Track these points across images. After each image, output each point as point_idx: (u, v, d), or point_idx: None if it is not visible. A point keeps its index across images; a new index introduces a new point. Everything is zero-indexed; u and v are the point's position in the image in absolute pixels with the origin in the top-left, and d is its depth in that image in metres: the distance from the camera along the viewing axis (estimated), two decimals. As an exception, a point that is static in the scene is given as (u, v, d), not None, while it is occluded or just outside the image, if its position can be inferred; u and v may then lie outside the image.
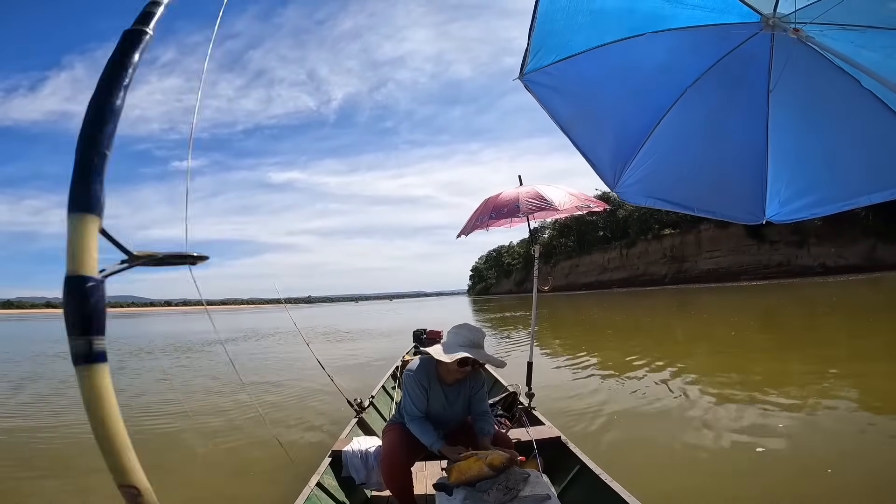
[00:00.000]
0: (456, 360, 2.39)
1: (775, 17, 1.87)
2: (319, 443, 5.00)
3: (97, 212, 0.53)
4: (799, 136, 2.23)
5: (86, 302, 0.50)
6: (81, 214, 0.52)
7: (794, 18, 1.83)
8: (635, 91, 2.17)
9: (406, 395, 2.58)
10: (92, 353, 0.51)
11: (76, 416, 6.42)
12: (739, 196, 2.40)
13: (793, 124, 2.20)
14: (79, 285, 0.50)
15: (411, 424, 2.51)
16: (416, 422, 2.50)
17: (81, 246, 0.51)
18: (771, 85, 2.09)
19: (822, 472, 3.63)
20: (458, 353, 2.38)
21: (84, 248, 0.51)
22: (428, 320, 22.86)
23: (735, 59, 2.03)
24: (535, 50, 1.85)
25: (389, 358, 8.72)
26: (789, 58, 2.01)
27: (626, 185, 2.35)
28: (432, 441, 2.43)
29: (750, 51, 2.01)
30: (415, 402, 2.52)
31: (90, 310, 0.51)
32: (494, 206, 3.80)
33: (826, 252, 54.86)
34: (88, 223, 0.52)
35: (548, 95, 2.03)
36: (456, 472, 2.22)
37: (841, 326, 12.90)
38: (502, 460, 2.21)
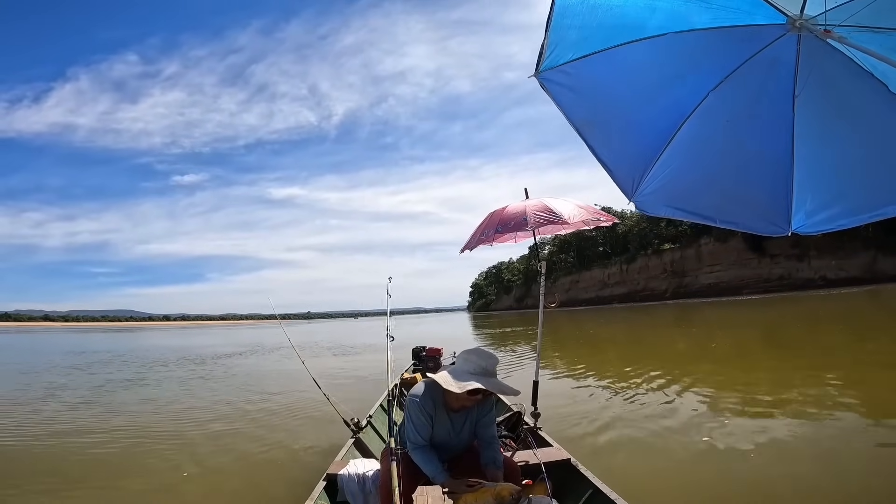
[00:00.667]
0: (467, 390, 2.26)
1: (802, 19, 1.77)
2: (312, 463, 4.76)
3: None
4: (826, 144, 2.12)
5: None
6: None
7: (823, 20, 1.73)
8: (656, 94, 2.06)
9: (409, 422, 2.45)
10: None
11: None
12: (763, 206, 2.27)
13: (819, 131, 2.09)
14: None
15: (414, 453, 2.39)
16: (419, 451, 2.38)
17: None
18: (797, 90, 1.98)
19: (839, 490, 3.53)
20: (469, 382, 2.24)
21: None
22: (428, 337, 22.78)
23: (760, 62, 1.93)
24: (551, 46, 1.75)
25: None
26: (816, 61, 1.91)
27: (645, 193, 2.22)
28: (435, 473, 2.31)
29: (775, 54, 1.91)
30: (419, 431, 2.40)
31: None
32: (500, 220, 3.68)
33: (827, 265, 54.95)
34: None
35: (564, 95, 1.92)
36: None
37: (844, 339, 12.79)
38: (511, 492, 2.13)
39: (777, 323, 20.24)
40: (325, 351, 21.25)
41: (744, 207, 2.35)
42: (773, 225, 2.27)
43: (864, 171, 2.12)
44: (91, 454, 5.60)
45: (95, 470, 5.05)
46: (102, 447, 5.87)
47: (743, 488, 3.64)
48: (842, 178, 2.17)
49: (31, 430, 6.95)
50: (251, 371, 14.44)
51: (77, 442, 6.15)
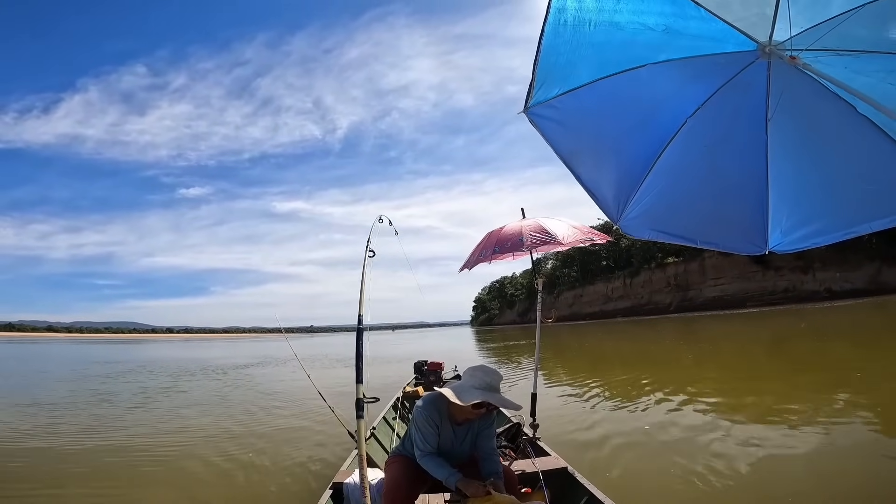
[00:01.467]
0: (471, 404, 2.35)
1: (771, 45, 1.89)
2: (319, 473, 4.95)
3: None
4: (798, 165, 2.23)
5: None
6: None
7: (790, 45, 1.85)
8: (637, 123, 2.19)
9: (418, 432, 2.54)
10: None
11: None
12: (741, 227, 2.39)
13: (792, 153, 2.20)
14: None
15: (424, 460, 2.47)
16: (428, 458, 2.47)
17: None
18: (769, 113, 2.11)
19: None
20: (474, 397, 2.34)
21: None
22: (431, 352, 22.93)
23: (733, 88, 2.05)
24: (539, 83, 1.87)
25: (391, 386, 8.65)
26: (786, 85, 2.03)
27: (629, 218, 2.34)
28: (447, 475, 2.37)
29: (747, 79, 2.03)
30: (427, 439, 2.49)
31: None
32: (498, 240, 3.82)
33: (831, 277, 54.66)
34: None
35: (551, 129, 2.04)
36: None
37: (850, 350, 12.74)
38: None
39: (782, 336, 20.13)
40: (337, 363, 22.28)
41: (723, 228, 2.46)
42: (751, 244, 2.38)
43: (836, 190, 2.23)
44: (152, 454, 6.32)
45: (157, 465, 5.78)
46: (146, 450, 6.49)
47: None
48: (815, 197, 2.27)
49: (98, 429, 7.93)
50: (270, 380, 15.55)
51: (143, 442, 6.96)
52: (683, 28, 1.87)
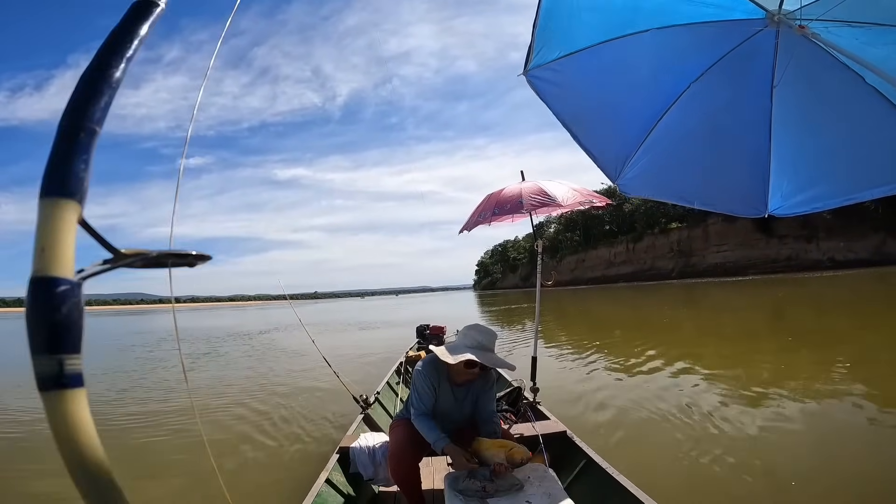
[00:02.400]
0: (462, 362, 2.36)
1: (780, 14, 1.87)
2: (327, 438, 5.09)
3: (77, 197, 0.41)
4: (802, 131, 2.23)
5: (56, 311, 0.38)
6: (56, 200, 0.40)
7: (799, 15, 1.83)
8: (638, 86, 2.17)
9: (414, 391, 2.56)
10: (63, 375, 0.39)
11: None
12: (742, 190, 2.40)
13: (796, 119, 2.20)
14: (48, 289, 0.38)
15: (416, 420, 2.49)
16: (421, 418, 2.48)
17: (54, 239, 0.39)
18: (775, 81, 2.09)
19: (830, 467, 3.66)
20: (464, 354, 2.33)
21: (57, 243, 0.39)
22: (433, 316, 23.37)
23: (739, 55, 2.03)
24: (538, 46, 1.86)
25: (394, 350, 8.86)
26: (794, 54, 2.00)
27: (628, 178, 2.35)
28: (436, 439, 2.39)
29: (754, 47, 2.01)
30: (422, 399, 2.50)
31: (62, 321, 0.39)
32: (497, 202, 3.80)
33: (835, 246, 54.47)
34: (65, 211, 0.40)
35: (551, 91, 2.03)
36: (477, 445, 2.30)
37: (850, 320, 12.85)
38: (522, 456, 2.26)
39: (783, 304, 20.25)
40: (351, 326, 23.92)
41: (722, 191, 2.47)
42: (750, 207, 2.40)
43: (839, 156, 2.23)
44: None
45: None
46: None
47: (739, 468, 3.73)
48: (817, 164, 2.28)
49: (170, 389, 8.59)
50: (291, 343, 16.21)
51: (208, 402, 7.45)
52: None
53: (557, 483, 2.14)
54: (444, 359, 2.37)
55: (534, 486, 2.10)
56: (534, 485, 2.11)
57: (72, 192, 0.40)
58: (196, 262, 0.49)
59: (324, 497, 2.60)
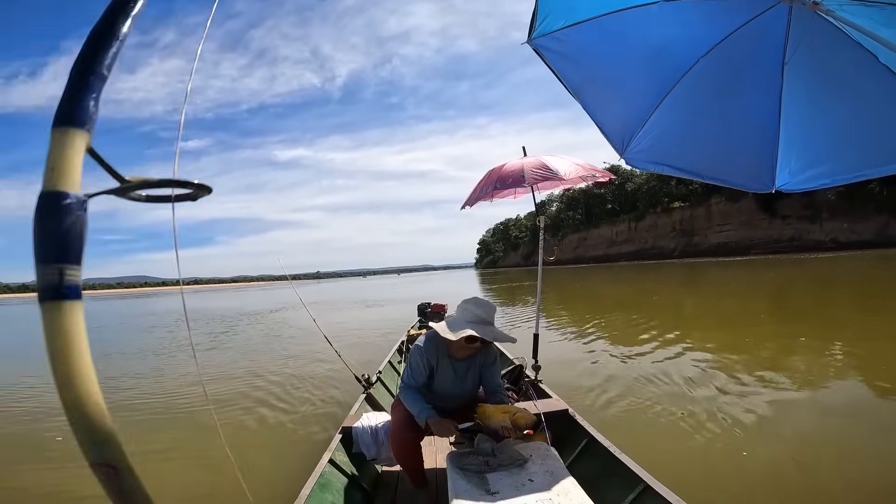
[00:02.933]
0: (463, 337, 2.34)
1: (794, -10, 1.82)
2: (330, 417, 5.18)
3: (87, 127, 0.45)
4: (813, 108, 2.19)
5: (62, 222, 0.41)
6: (67, 129, 0.44)
7: (813, -8, 1.78)
8: (647, 59, 2.12)
9: (408, 366, 2.56)
10: (63, 285, 0.41)
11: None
12: (749, 165, 2.37)
13: (807, 96, 2.16)
14: (56, 202, 0.41)
15: (403, 393, 2.49)
16: (408, 391, 2.48)
17: (64, 162, 0.43)
18: (786, 57, 2.05)
19: (827, 450, 3.68)
20: (464, 330, 2.32)
21: (67, 165, 0.43)
22: (435, 294, 23.56)
23: (750, 30, 1.98)
24: (542, 15, 1.81)
25: (396, 331, 8.94)
26: (806, 31, 1.96)
27: (634, 151, 2.33)
28: (419, 410, 2.37)
29: (766, 23, 1.96)
30: (414, 374, 2.50)
31: (66, 232, 0.41)
32: (499, 177, 3.75)
33: (838, 227, 54.16)
34: (75, 138, 0.44)
35: (557, 60, 1.99)
36: (481, 413, 2.31)
37: (852, 302, 12.88)
38: (527, 420, 2.28)
39: (787, 284, 20.27)
40: (358, 304, 24.96)
41: (730, 165, 2.44)
42: (758, 182, 2.37)
43: (849, 134, 2.20)
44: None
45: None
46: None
47: (739, 451, 3.76)
48: (827, 139, 2.24)
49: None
50: (300, 321, 16.45)
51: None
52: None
53: (559, 461, 2.14)
54: (443, 335, 2.35)
55: (536, 465, 2.10)
56: (536, 463, 2.11)
57: (82, 122, 0.45)
58: (199, 195, 0.54)
59: (327, 477, 2.60)
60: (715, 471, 3.49)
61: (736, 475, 3.40)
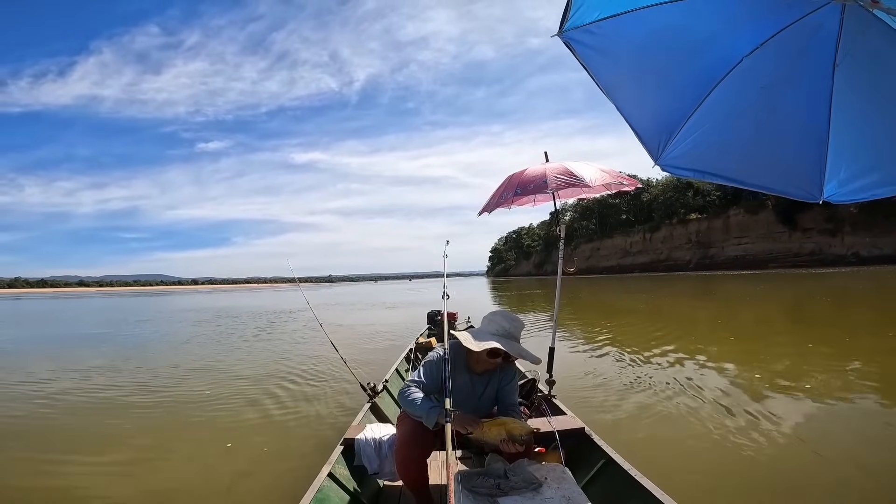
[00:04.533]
0: (485, 350, 2.25)
1: (849, -13, 1.67)
2: (331, 426, 5.01)
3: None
4: (864, 114, 2.03)
5: None
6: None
7: (869, -11, 1.63)
8: (687, 57, 1.97)
9: (422, 368, 2.44)
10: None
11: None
12: (795, 172, 2.20)
13: (858, 101, 1.99)
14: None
15: (406, 391, 2.36)
16: (414, 388, 2.36)
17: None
18: (838, 59, 1.89)
19: (848, 467, 3.54)
20: (489, 342, 2.23)
21: None
22: (450, 302, 23.37)
23: (800, 29, 1.83)
24: (576, 5, 1.68)
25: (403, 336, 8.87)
26: (860, 31, 1.80)
27: (671, 156, 2.17)
28: (429, 409, 2.22)
29: (817, 21, 1.81)
30: (424, 375, 2.40)
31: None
32: (520, 182, 3.57)
33: (860, 241, 53.09)
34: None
35: (590, 55, 1.85)
36: (478, 431, 2.18)
37: (874, 318, 12.48)
38: (522, 431, 2.14)
39: (806, 299, 19.78)
40: (379, 305, 26.54)
41: (774, 172, 2.27)
42: (804, 191, 2.20)
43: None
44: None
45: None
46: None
47: (763, 469, 3.62)
48: (878, 149, 2.08)
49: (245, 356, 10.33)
50: (333, 320, 18.00)
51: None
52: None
53: (575, 485, 2.01)
54: (467, 345, 2.27)
55: (551, 489, 1.96)
56: (551, 486, 1.98)
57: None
58: None
59: (325, 492, 2.48)
60: (740, 495, 3.29)
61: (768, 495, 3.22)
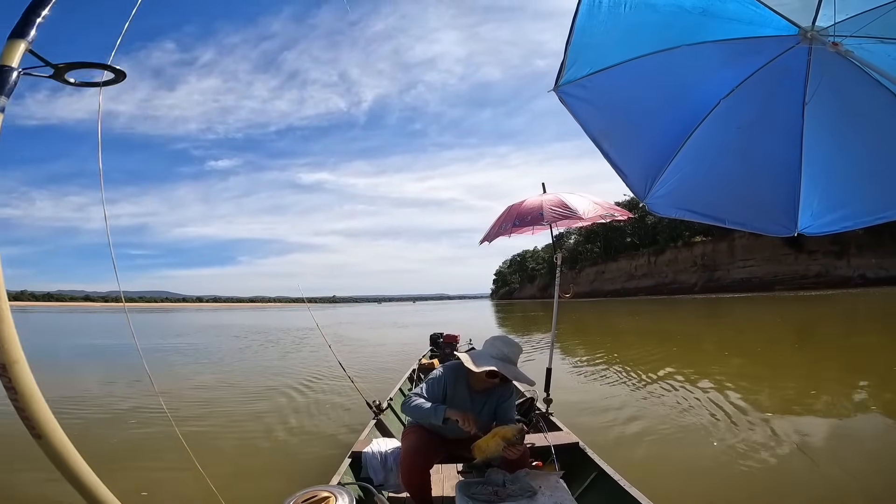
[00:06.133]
0: (484, 371, 2.39)
1: (814, 31, 1.84)
2: (339, 441, 5.13)
3: (28, 38, 0.85)
4: (834, 149, 2.19)
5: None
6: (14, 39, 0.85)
7: (832, 31, 1.80)
8: (668, 102, 2.17)
9: (425, 383, 2.59)
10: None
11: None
12: (771, 208, 2.36)
13: (828, 137, 2.16)
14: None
15: (410, 400, 2.49)
16: (416, 397, 2.50)
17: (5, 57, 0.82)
18: (807, 98, 2.06)
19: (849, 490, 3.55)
20: (488, 364, 2.38)
21: (7, 56, 0.82)
22: (449, 322, 23.55)
23: (771, 71, 2.01)
24: (570, 63, 1.88)
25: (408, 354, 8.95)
26: (826, 71, 1.98)
27: (657, 196, 2.34)
28: (434, 409, 2.38)
29: (786, 63, 1.99)
30: (427, 390, 2.54)
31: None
32: (518, 214, 3.81)
33: (867, 263, 52.81)
34: (18, 44, 0.84)
35: (581, 107, 2.04)
36: (477, 451, 2.27)
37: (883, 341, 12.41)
38: (513, 433, 2.22)
39: (812, 322, 19.65)
40: (388, 323, 27.59)
41: (752, 208, 2.43)
42: (780, 226, 2.36)
43: (870, 176, 2.19)
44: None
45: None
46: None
47: (758, 489, 3.65)
48: (848, 182, 2.24)
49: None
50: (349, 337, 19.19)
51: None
52: (721, 11, 1.84)
53: (568, 493, 2.13)
54: (467, 366, 2.41)
55: (545, 497, 2.10)
56: (545, 495, 2.11)
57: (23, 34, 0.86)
58: (117, 79, 0.98)
59: None
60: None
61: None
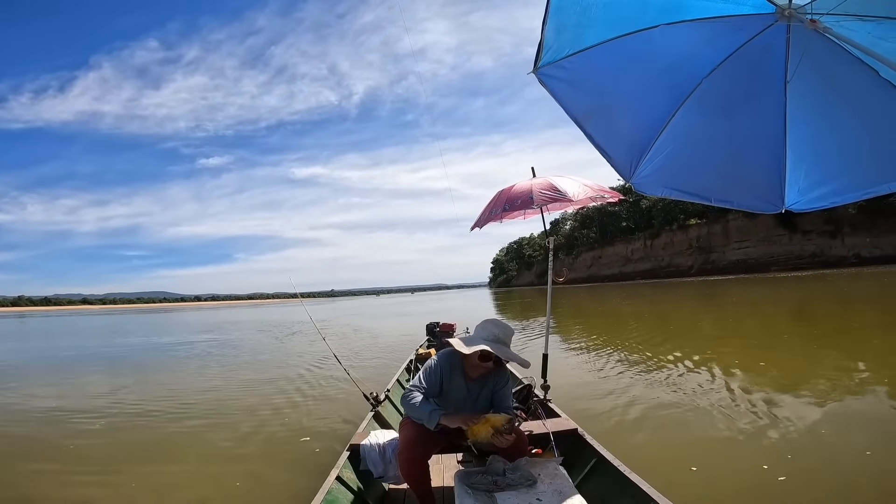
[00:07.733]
0: (477, 354, 2.38)
1: (791, 9, 1.85)
2: (337, 434, 5.14)
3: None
4: (817, 126, 2.20)
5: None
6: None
7: (810, 9, 1.80)
8: (650, 83, 2.16)
9: (420, 374, 2.58)
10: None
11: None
12: (757, 185, 2.37)
13: (811, 114, 2.17)
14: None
15: (408, 395, 2.48)
16: (414, 394, 2.48)
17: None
18: (788, 75, 2.07)
19: (850, 474, 3.56)
20: (479, 345, 2.36)
21: None
22: (448, 312, 23.66)
23: (751, 50, 2.01)
24: (548, 44, 1.87)
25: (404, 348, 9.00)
26: (806, 48, 1.98)
27: (642, 176, 2.35)
28: (430, 412, 2.35)
29: (766, 42, 1.99)
30: (423, 380, 2.53)
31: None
32: (508, 198, 3.78)
33: (861, 242, 53.12)
34: None
35: (562, 89, 2.04)
36: (470, 434, 2.29)
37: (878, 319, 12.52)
38: (502, 422, 2.23)
39: (809, 301, 19.77)
40: (390, 315, 27.75)
41: (738, 186, 2.44)
42: (767, 203, 2.37)
43: (855, 150, 2.20)
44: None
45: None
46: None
47: (757, 474, 3.63)
48: (834, 157, 2.24)
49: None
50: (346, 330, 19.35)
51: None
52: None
53: (568, 480, 2.14)
54: (459, 349, 2.41)
55: (544, 483, 2.11)
56: (544, 482, 2.13)
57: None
58: None
59: (334, 494, 2.61)
60: (732, 494, 3.38)
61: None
